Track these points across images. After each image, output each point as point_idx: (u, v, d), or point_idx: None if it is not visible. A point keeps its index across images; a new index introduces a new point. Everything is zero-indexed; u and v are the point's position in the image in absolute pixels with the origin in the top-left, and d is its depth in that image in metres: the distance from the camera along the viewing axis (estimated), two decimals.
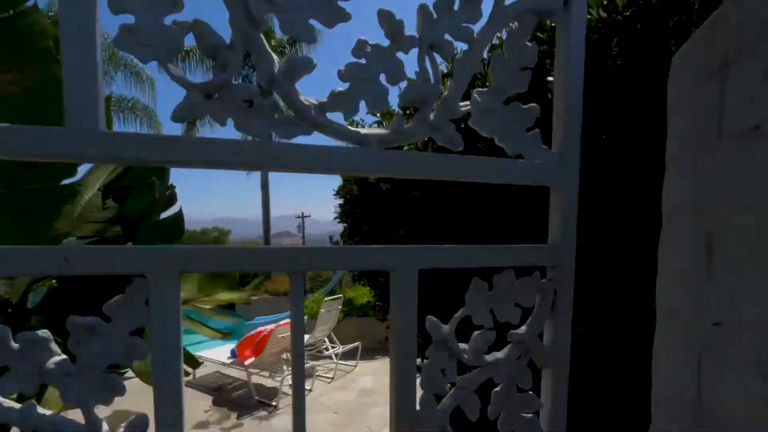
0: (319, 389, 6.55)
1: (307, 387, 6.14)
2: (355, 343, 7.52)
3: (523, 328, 1.11)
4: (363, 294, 9.26)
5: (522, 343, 1.09)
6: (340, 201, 4.10)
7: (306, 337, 4.04)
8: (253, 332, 6.47)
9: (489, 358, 1.08)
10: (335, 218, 4.28)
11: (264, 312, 10.39)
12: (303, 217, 31.08)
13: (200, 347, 7.05)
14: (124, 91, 16.20)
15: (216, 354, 6.85)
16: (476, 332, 1.07)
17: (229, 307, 13.15)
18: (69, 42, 0.76)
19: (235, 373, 6.90)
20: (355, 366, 7.46)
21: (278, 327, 6.19)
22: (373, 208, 3.37)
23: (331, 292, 11.00)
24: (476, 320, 1.06)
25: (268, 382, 6.46)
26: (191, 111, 0.85)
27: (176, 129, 56.57)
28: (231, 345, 7.15)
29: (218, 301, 3.14)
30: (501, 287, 1.07)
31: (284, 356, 6.38)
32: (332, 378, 6.98)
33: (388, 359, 1.05)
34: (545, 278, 1.11)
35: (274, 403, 5.93)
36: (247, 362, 6.22)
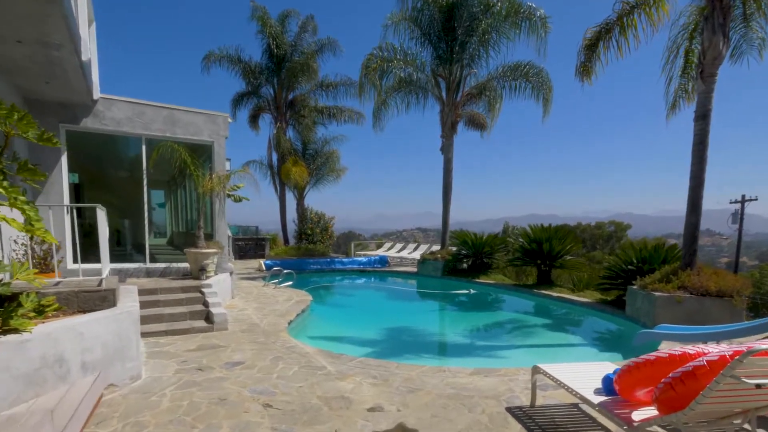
0: None
1: None
2: None
3: None
4: None
5: None
6: None
7: None
8: (664, 354, 2.82)
9: None
10: None
11: (679, 319, 5.98)
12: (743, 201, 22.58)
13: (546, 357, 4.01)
14: None
15: (569, 375, 3.64)
16: None
17: (607, 303, 9.49)
18: None
19: (603, 421, 3.46)
20: None
21: (745, 353, 2.28)
22: None
23: None
24: None
25: None
26: None
27: None
28: (604, 367, 3.73)
29: None
30: None
31: (747, 426, 2.38)
32: None
33: None
34: None
35: None
36: (638, 415, 2.72)
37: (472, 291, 12.94)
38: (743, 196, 38.19)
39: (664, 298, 7.63)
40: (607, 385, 3.22)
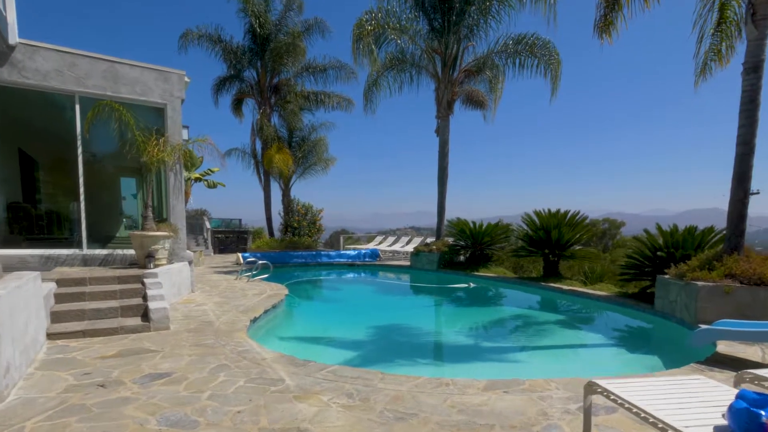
0: None
1: None
2: None
3: None
4: None
5: None
6: None
7: None
8: None
9: None
10: None
11: (726, 313, 4.62)
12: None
13: None
14: None
15: (650, 398, 2.24)
16: None
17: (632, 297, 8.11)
18: None
19: None
20: None
21: None
22: None
23: None
24: None
25: None
26: None
27: None
28: (696, 384, 2.34)
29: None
30: None
31: None
32: None
33: None
34: None
35: None
36: None
37: (472, 285, 11.53)
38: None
39: (708, 288, 6.27)
40: (746, 424, 1.81)
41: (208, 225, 21.52)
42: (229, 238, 21.37)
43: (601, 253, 13.36)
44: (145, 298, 5.91)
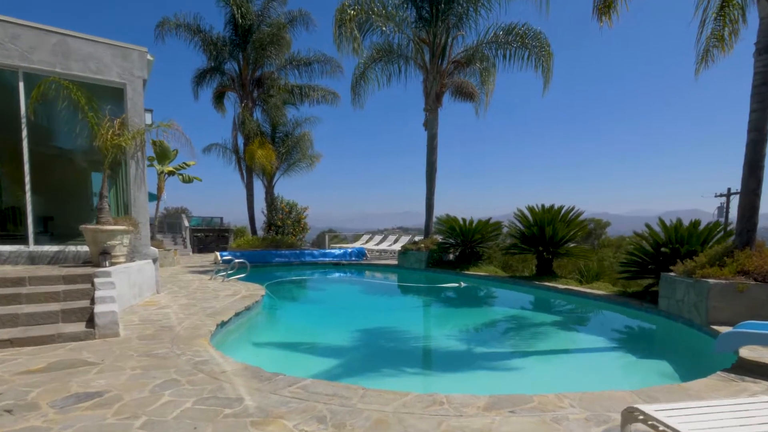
0: None
1: None
2: None
3: None
4: None
5: None
6: None
7: None
8: None
9: None
10: None
11: (740, 314, 4.09)
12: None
13: None
14: None
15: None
16: None
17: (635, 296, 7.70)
18: None
19: None
20: None
21: None
22: None
23: None
24: None
25: None
26: None
27: None
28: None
29: None
30: None
31: None
32: None
33: None
34: None
35: None
36: None
37: (463, 284, 10.93)
38: (729, 190, 37.59)
39: (721, 286, 5.75)
40: None
41: (186, 223, 20.57)
42: (209, 237, 20.44)
43: (594, 252, 12.89)
44: (93, 300, 5.15)
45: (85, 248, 6.83)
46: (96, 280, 5.52)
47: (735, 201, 35.96)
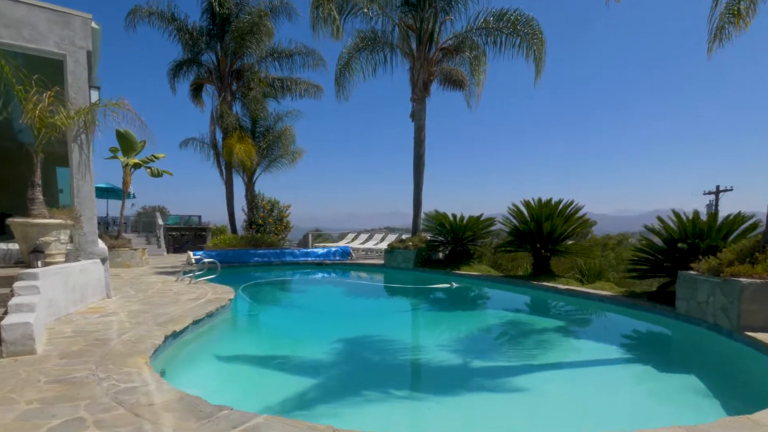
0: None
1: None
2: None
3: None
4: None
5: None
6: None
7: None
8: None
9: None
10: None
11: None
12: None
13: None
14: None
15: None
16: None
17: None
18: None
19: None
20: None
21: None
22: None
23: None
24: None
25: None
26: None
27: None
28: None
29: None
30: None
31: None
32: None
33: None
34: None
35: None
36: None
37: (455, 285, 10.11)
38: (717, 187, 37.55)
39: (756, 286, 5.01)
40: None
41: (161, 221, 19.38)
42: (186, 236, 19.31)
43: (597, 249, 12.19)
44: (7, 310, 4.16)
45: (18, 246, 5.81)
46: (16, 284, 4.53)
47: (724, 199, 35.96)
